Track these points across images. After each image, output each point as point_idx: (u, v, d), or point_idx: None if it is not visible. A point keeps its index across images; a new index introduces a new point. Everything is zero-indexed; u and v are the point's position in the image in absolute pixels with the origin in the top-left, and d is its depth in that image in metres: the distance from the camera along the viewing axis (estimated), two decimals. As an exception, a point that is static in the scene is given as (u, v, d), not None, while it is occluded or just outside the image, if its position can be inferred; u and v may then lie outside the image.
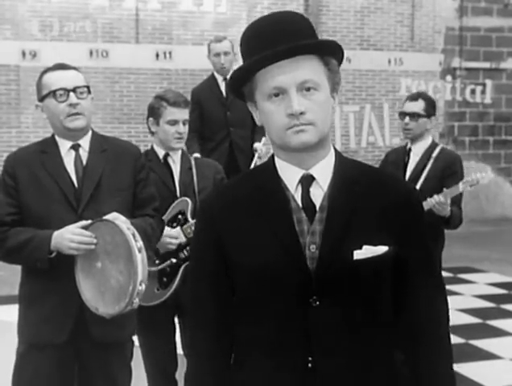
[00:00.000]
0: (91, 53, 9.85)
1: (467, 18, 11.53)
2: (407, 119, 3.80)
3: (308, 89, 1.47)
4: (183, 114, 3.24)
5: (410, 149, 3.90)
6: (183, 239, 3.17)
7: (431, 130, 3.95)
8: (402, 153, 3.92)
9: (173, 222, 3.20)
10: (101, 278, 2.50)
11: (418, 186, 3.77)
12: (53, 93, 2.64)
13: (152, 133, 3.37)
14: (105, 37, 9.91)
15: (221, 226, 1.55)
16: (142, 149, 11.80)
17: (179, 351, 3.34)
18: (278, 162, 1.56)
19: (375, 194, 1.55)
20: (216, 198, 1.66)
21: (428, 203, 3.60)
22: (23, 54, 9.58)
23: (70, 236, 2.49)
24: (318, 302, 1.49)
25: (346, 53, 7.16)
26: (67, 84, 2.64)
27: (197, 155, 4.86)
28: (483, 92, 11.69)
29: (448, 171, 3.83)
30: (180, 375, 3.36)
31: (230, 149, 5.36)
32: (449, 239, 4.43)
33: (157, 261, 3.17)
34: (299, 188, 1.53)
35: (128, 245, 2.41)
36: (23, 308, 2.73)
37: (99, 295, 2.51)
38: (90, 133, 2.77)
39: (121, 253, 2.46)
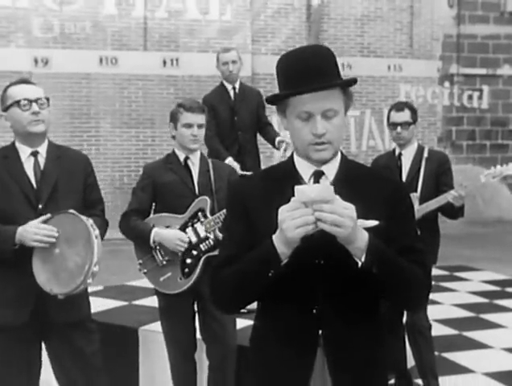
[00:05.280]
0: (101, 60, 10.21)
1: (464, 25, 11.86)
2: (399, 129, 4.16)
3: (330, 115, 1.88)
4: (198, 119, 3.59)
5: (400, 154, 4.25)
6: (194, 239, 3.52)
7: (416, 134, 4.31)
8: (394, 158, 4.27)
9: (194, 218, 3.54)
10: (57, 262, 2.87)
11: (419, 187, 4.14)
12: (17, 103, 2.96)
13: (173, 138, 3.66)
14: (115, 45, 10.28)
15: (247, 203, 1.98)
16: (150, 152, 12.00)
17: (198, 335, 3.68)
18: (296, 159, 2.00)
19: (370, 185, 1.97)
20: (245, 181, 2.13)
21: (447, 197, 4.01)
22: (35, 61, 9.94)
23: (34, 230, 2.83)
24: (322, 262, 1.90)
25: (347, 60, 7.69)
26: (30, 96, 2.97)
27: (230, 159, 5.19)
28: (480, 97, 12.02)
29: (441, 169, 4.22)
30: (199, 356, 3.72)
31: (238, 152, 5.65)
32: (447, 239, 4.71)
33: (179, 253, 3.52)
34: (312, 179, 1.97)
35: (88, 232, 2.82)
36: None
37: (54, 277, 2.86)
38: (47, 141, 3.13)
39: (79, 238, 2.84)
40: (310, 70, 1.86)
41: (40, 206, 2.97)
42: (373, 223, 1.86)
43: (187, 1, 10.50)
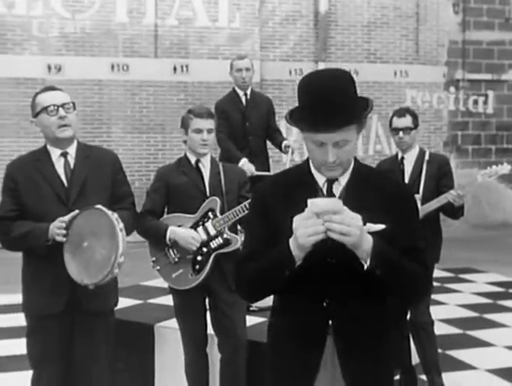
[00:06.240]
0: (112, 67, 10.42)
1: (469, 31, 12.01)
2: (401, 134, 4.34)
3: (341, 145, 2.04)
4: (207, 124, 3.76)
5: (403, 158, 4.42)
6: (204, 237, 3.70)
7: (419, 138, 4.48)
8: (396, 162, 4.44)
9: (204, 218, 3.72)
10: (87, 254, 3.06)
11: (420, 188, 4.32)
12: (45, 109, 3.16)
13: (185, 142, 3.84)
14: (126, 52, 10.49)
15: (268, 203, 2.18)
16: (161, 157, 12.18)
17: (210, 330, 3.86)
18: (312, 165, 2.19)
19: (378, 187, 2.16)
20: (267, 185, 2.32)
21: (447, 197, 4.19)
22: (49, 68, 10.16)
23: (56, 224, 3.03)
24: (333, 261, 2.10)
25: (354, 66, 8.01)
26: (56, 101, 3.16)
27: (244, 160, 5.50)
28: (485, 102, 12.16)
29: (442, 171, 4.39)
30: (210, 350, 3.89)
31: (249, 156, 5.83)
32: (453, 242, 4.83)
33: (191, 251, 3.70)
34: (326, 184, 2.16)
35: (112, 225, 2.99)
36: (26, 287, 3.29)
37: (84, 269, 3.05)
38: (76, 142, 3.33)
39: (105, 232, 3.01)
40: (327, 105, 1.98)
41: (70, 202, 3.15)
42: (381, 227, 2.05)
43: (197, 9, 10.70)
